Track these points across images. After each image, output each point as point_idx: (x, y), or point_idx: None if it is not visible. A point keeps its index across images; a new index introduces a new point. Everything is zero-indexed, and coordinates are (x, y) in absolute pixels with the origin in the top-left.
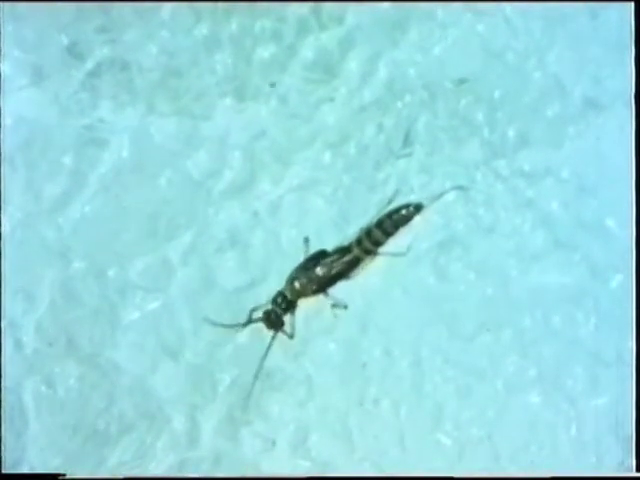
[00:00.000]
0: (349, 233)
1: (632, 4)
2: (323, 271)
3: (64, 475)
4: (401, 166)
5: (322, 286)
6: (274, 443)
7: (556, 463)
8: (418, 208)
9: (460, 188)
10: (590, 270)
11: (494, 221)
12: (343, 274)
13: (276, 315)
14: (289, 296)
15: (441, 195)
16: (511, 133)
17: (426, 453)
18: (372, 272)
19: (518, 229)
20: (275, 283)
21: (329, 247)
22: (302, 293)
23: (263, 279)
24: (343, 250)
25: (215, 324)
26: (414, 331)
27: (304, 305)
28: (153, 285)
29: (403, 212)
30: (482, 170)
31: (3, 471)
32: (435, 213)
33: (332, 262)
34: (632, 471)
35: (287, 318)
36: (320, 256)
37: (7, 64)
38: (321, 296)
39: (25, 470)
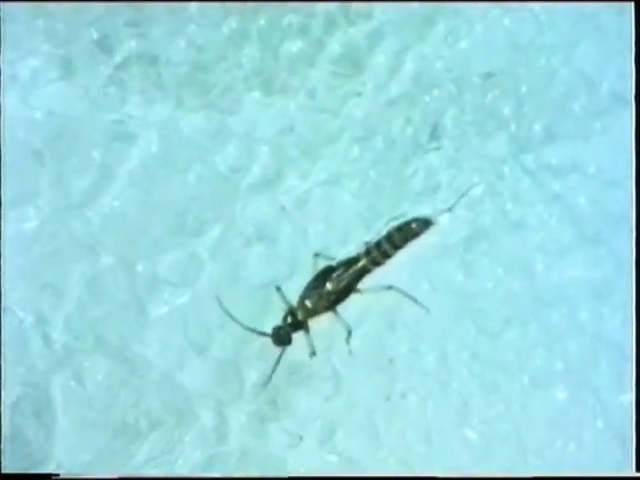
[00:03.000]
0: (376, 227)
1: (632, 4)
2: (332, 286)
3: (58, 475)
4: (428, 160)
5: (333, 302)
6: (301, 438)
7: (582, 458)
8: (427, 223)
9: (475, 186)
10: (616, 264)
11: (521, 216)
12: (352, 286)
13: (286, 333)
14: (300, 316)
15: (462, 196)
16: (538, 127)
17: (452, 448)
18: (399, 268)
19: (545, 224)
20: (302, 278)
21: (355, 242)
22: (314, 311)
23: (290, 274)
24: (350, 262)
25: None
26: (441, 326)
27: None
28: (181, 280)
29: (413, 226)
30: (509, 164)
31: (3, 471)
32: (462, 208)
33: (340, 275)
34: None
35: (303, 337)
36: (328, 272)
37: (37, 58)
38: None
39: (52, 467)
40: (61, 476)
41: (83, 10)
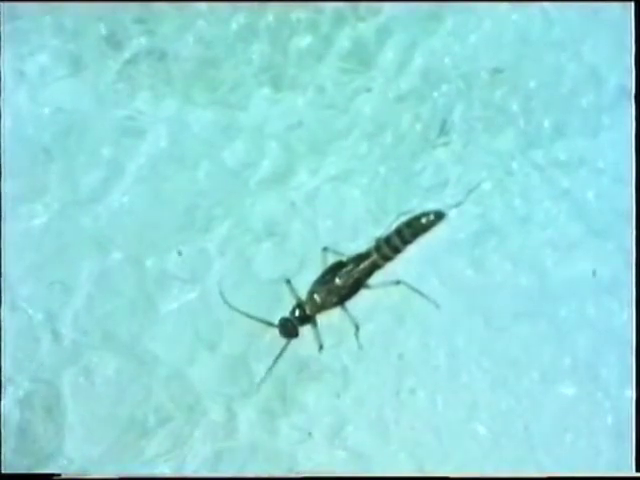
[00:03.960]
0: (386, 223)
1: (632, 4)
2: (342, 281)
3: (59, 475)
4: (437, 156)
5: (342, 297)
6: (310, 434)
7: (592, 453)
8: (439, 216)
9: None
10: (625, 260)
11: (530, 211)
12: (361, 282)
13: (292, 325)
14: (308, 310)
15: (471, 192)
16: (546, 123)
17: (462, 443)
18: (408, 263)
19: (554, 219)
20: (311, 274)
21: (365, 238)
22: (322, 306)
23: (300, 270)
24: (360, 257)
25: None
26: (450, 321)
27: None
28: (191, 276)
29: (423, 220)
30: (518, 160)
31: (3, 471)
32: (471, 203)
33: (350, 271)
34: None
35: (310, 331)
36: (337, 267)
37: (45, 55)
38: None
39: (63, 462)
40: (63, 476)
41: (92, 6)
